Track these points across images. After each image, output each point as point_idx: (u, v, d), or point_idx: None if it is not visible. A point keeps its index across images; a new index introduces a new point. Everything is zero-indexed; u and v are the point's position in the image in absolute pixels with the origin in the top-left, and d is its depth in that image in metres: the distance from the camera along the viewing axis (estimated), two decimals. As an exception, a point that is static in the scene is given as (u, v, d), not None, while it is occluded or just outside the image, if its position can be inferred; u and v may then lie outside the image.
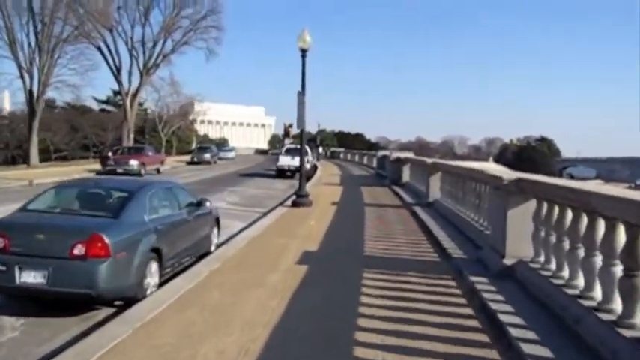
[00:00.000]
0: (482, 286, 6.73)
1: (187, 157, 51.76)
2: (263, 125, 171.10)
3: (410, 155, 24.23)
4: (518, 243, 7.13)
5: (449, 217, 12.33)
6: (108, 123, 64.62)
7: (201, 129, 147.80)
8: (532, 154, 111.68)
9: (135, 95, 59.32)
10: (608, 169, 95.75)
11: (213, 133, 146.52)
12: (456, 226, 11.20)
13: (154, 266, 7.35)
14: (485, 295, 6.29)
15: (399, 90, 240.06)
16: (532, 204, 6.89)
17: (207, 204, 9.97)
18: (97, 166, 34.28)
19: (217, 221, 10.64)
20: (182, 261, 8.58)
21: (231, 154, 63.99)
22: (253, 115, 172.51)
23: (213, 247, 10.13)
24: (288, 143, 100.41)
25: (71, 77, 46.38)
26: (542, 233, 6.58)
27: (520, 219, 7.09)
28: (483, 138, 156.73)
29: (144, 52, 57.52)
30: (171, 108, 75.49)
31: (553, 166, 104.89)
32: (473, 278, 7.08)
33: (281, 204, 17.34)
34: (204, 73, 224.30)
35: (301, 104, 16.49)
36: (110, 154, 32.64)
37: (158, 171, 34.47)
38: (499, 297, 6.19)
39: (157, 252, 7.47)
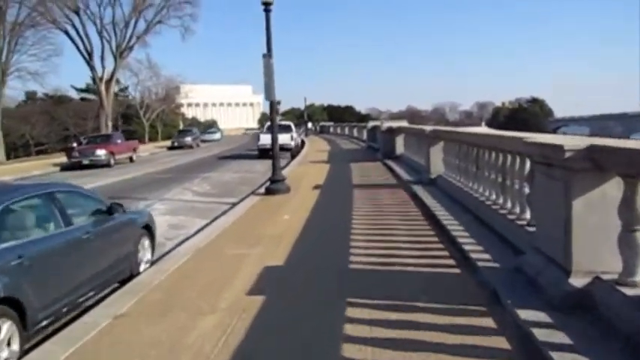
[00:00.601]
0: (540, 331, 3.84)
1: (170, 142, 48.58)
2: (252, 104, 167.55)
3: (403, 124, 21.18)
4: (594, 250, 4.28)
5: (461, 200, 9.38)
6: (88, 112, 61.42)
7: (189, 112, 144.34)
8: (524, 116, 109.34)
9: (110, 80, 55.82)
10: (601, 126, 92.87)
11: (202, 116, 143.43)
12: (474, 214, 8.22)
13: (3, 331, 4.41)
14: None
15: (387, 59, 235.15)
16: (614, 187, 4.16)
17: (137, 208, 7.03)
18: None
19: (149, 230, 7.66)
20: (78, 301, 5.67)
21: (216, 136, 60.70)
22: (241, 95, 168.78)
23: (143, 267, 7.20)
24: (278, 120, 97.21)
25: (32, 64, 42.92)
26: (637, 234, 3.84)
27: (595, 211, 4.28)
28: (475, 102, 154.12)
29: (115, 34, 53.84)
30: (153, 92, 71.91)
31: (546, 126, 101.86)
32: (521, 313, 4.19)
33: (254, 192, 14.33)
34: (188, 56, 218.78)
35: (268, 69, 13.39)
36: (75, 144, 29.40)
37: (131, 159, 31.40)
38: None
39: (12, 304, 4.55)
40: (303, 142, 44.59)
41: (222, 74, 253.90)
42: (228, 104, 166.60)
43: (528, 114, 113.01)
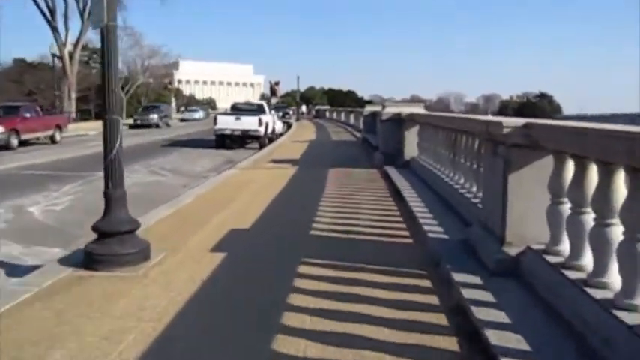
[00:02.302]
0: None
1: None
2: (252, 84, 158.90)
3: (419, 110, 12.72)
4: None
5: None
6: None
7: (187, 89, 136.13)
8: (533, 111, 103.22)
9: (75, 45, 47.36)
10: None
11: (200, 94, 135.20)
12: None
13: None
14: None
15: (393, 46, 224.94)
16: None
17: None
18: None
19: None
20: None
21: (197, 115, 52.16)
22: (242, 74, 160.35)
23: None
24: (274, 102, 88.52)
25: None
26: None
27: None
28: (480, 95, 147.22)
29: (81, -10, 45.36)
30: (138, 64, 63.44)
31: None
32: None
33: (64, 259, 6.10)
34: (188, 31, 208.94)
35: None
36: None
37: (53, 140, 23.24)
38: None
39: None
40: (289, 126, 36.52)
41: (221, 51, 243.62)
42: (228, 83, 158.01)
43: (537, 109, 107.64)
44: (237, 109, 22.76)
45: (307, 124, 41.11)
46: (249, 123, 20.32)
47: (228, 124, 20.39)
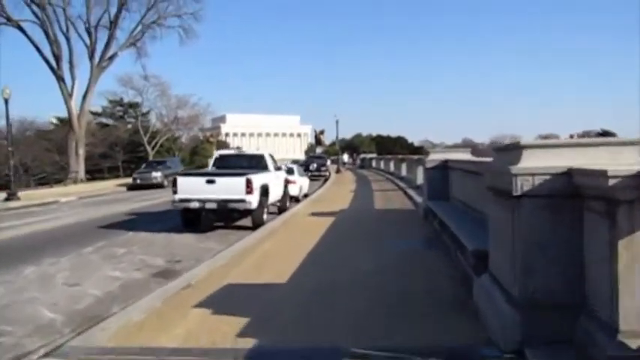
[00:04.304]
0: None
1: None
2: (299, 134, 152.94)
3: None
4: None
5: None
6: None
7: (234, 142, 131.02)
8: None
9: (85, 95, 40.82)
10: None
11: (247, 146, 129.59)
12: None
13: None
14: None
15: (444, 90, 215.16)
16: None
17: None
18: None
19: None
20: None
21: (156, 175, 43.46)
22: (289, 125, 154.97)
23: None
24: (319, 152, 79.44)
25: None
26: None
27: None
28: (537, 135, 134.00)
29: (89, 34, 39.21)
30: (164, 114, 56.95)
31: None
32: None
33: None
34: (236, 85, 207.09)
35: None
36: None
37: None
38: None
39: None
40: (326, 180, 27.71)
41: (269, 104, 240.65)
42: (275, 134, 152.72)
43: None
44: (221, 165, 14.21)
45: (347, 179, 32.03)
46: (230, 188, 11.61)
47: (194, 191, 11.71)
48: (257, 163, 14.13)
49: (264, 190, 12.61)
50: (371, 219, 12.76)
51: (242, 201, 11.59)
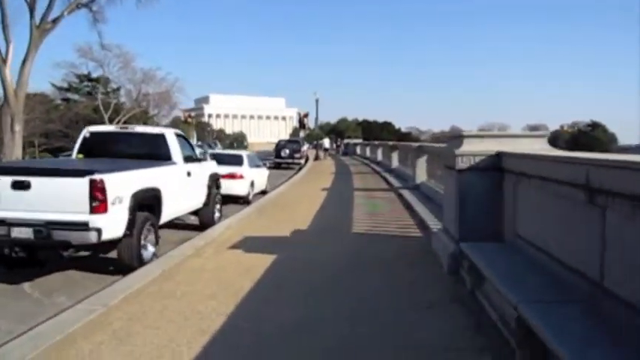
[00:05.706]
0: None
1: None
2: (284, 117, 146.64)
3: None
4: None
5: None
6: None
7: (217, 123, 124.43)
8: (587, 141, 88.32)
9: (24, 62, 34.07)
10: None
11: (230, 128, 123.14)
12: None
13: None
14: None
15: (432, 76, 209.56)
16: None
17: None
18: None
19: None
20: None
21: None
22: (273, 108, 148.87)
23: None
24: (302, 136, 72.75)
25: None
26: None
27: None
28: (525, 125, 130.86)
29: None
30: (132, 91, 50.71)
31: (614, 153, 78.02)
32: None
33: None
34: (215, 66, 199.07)
35: None
36: None
37: None
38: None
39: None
40: (300, 168, 22.12)
41: (254, 86, 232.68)
42: (259, 117, 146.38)
43: (591, 139, 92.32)
44: (93, 152, 8.28)
45: (325, 169, 26.07)
46: (57, 200, 5.82)
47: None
48: (153, 148, 8.24)
49: (145, 201, 6.82)
50: (340, 264, 6.81)
51: (82, 226, 5.93)
